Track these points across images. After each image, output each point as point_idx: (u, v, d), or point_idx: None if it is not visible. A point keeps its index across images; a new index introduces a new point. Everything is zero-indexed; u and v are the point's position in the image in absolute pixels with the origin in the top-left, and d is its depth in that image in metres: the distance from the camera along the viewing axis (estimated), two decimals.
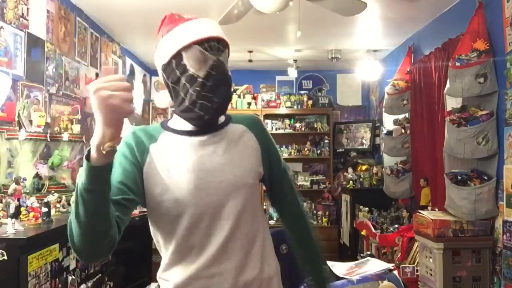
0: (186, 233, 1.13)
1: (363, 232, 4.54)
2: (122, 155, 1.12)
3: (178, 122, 1.19)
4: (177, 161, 1.14)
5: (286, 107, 6.18)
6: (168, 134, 1.18)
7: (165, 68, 1.14)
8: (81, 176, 0.92)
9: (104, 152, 0.88)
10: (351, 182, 5.35)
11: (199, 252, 1.14)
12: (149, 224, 1.21)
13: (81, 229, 0.95)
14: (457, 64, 2.99)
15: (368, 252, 4.04)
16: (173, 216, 1.12)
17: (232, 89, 1.23)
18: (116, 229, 1.02)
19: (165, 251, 1.18)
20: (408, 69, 4.37)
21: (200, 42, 1.10)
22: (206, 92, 1.10)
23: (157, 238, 1.20)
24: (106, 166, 0.92)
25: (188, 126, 1.17)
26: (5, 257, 1.94)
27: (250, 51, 5.22)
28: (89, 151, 0.90)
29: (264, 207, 5.21)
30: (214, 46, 1.11)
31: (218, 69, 1.10)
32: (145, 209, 1.19)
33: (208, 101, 1.11)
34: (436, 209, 3.47)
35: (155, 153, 1.14)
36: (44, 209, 2.41)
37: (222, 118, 1.22)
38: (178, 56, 1.11)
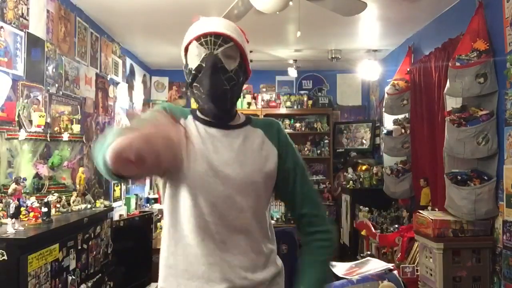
0: (204, 217, 1.15)
1: (363, 232, 4.54)
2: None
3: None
4: (194, 145, 1.17)
5: (286, 107, 6.18)
6: (192, 119, 1.24)
7: (184, 67, 1.23)
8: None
9: None
10: (351, 182, 5.34)
11: (217, 239, 1.15)
12: (165, 201, 1.23)
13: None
14: (457, 64, 2.99)
15: (368, 252, 4.05)
16: (189, 197, 1.15)
17: (230, 80, 1.16)
18: None
19: (176, 231, 1.18)
20: (408, 69, 4.36)
21: (198, 38, 1.16)
22: (196, 82, 1.16)
23: (171, 217, 1.20)
24: None
25: (208, 117, 1.23)
26: (5, 257, 1.94)
27: (250, 51, 5.16)
28: None
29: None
30: (211, 41, 1.14)
31: (207, 61, 1.13)
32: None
33: (198, 90, 1.17)
34: (436, 209, 3.47)
35: None
36: (44, 209, 2.41)
37: (242, 119, 1.27)
38: (186, 54, 1.21)
